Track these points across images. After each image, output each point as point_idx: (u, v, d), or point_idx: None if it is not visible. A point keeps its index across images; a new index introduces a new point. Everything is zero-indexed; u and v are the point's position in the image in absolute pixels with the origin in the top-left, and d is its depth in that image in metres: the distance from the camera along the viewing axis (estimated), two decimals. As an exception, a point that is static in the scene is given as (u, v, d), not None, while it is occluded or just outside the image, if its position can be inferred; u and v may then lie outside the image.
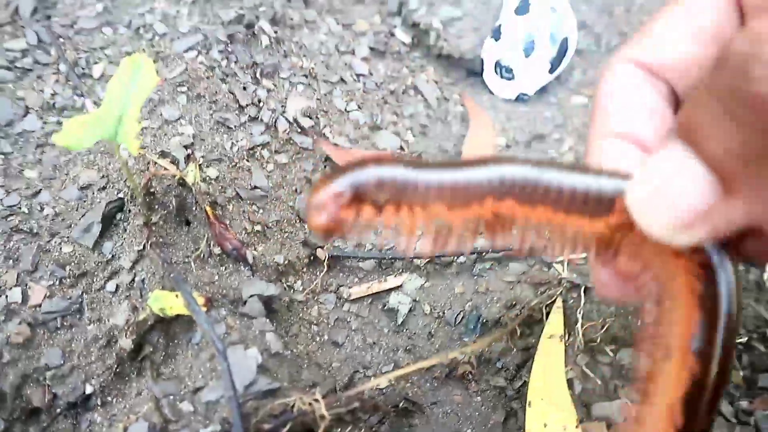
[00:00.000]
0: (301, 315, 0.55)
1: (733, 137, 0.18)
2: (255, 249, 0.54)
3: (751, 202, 0.19)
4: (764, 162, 0.18)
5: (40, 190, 0.57)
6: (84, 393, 0.47)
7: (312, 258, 0.58)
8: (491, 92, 0.87)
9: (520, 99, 0.86)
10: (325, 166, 0.63)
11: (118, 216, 0.54)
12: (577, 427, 0.53)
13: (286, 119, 0.65)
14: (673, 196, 0.20)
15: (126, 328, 0.48)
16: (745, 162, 0.18)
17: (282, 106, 0.66)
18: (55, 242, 0.52)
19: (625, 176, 0.24)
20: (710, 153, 0.19)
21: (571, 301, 0.55)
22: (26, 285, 0.50)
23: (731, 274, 0.24)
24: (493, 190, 0.25)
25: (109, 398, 0.48)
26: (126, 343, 0.47)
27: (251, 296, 0.51)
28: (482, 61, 0.87)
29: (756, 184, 0.18)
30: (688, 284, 0.24)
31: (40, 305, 0.49)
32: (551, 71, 0.85)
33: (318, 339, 0.54)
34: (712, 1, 0.26)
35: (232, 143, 0.61)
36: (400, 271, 0.60)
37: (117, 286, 0.50)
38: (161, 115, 0.61)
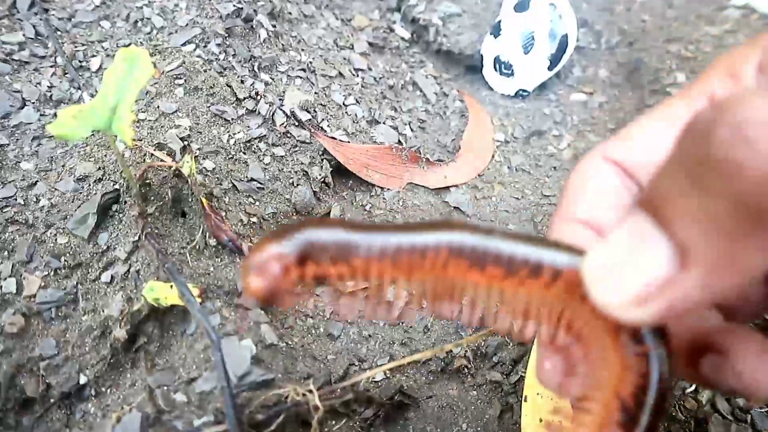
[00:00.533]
0: (296, 307, 0.55)
1: (696, 204, 0.17)
2: (251, 241, 0.54)
3: (709, 275, 0.18)
4: (724, 230, 0.17)
5: (36, 181, 0.57)
6: (78, 383, 0.47)
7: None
8: (490, 88, 0.87)
9: (519, 95, 0.86)
10: (322, 159, 0.63)
11: (114, 207, 0.53)
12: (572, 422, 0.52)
13: (284, 112, 0.65)
14: (630, 266, 0.20)
15: (120, 318, 0.48)
16: (707, 230, 0.17)
17: (280, 100, 0.66)
18: (51, 233, 0.52)
19: (582, 252, 0.24)
20: (672, 221, 0.18)
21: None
22: (21, 275, 0.50)
23: (664, 369, 0.23)
24: (441, 253, 0.24)
25: (103, 388, 0.48)
26: (120, 333, 0.47)
27: (246, 288, 0.50)
28: (481, 57, 0.86)
29: (716, 255, 0.18)
30: (620, 376, 0.24)
31: (34, 295, 0.49)
32: (550, 68, 0.85)
33: (313, 331, 0.54)
34: (692, 111, 0.26)
35: (229, 136, 0.60)
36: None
37: (112, 277, 0.50)
38: (158, 107, 0.61)
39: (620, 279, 0.20)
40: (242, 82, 0.66)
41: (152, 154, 0.55)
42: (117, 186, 0.54)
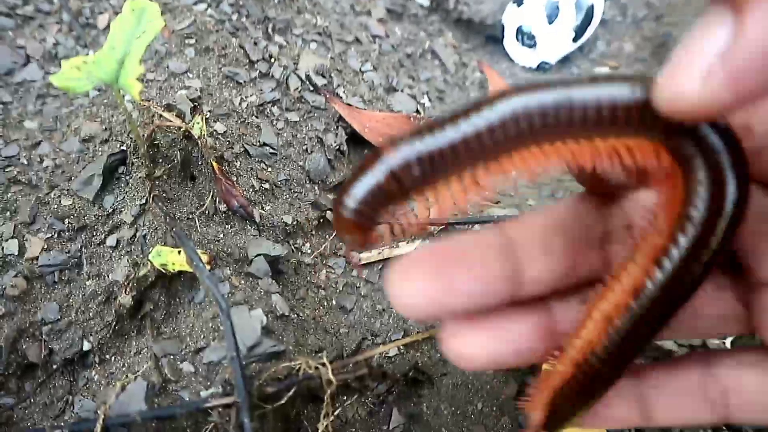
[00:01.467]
0: (308, 278, 0.53)
1: None
2: (262, 208, 0.52)
3: (764, 33, 0.18)
4: None
5: (40, 141, 0.54)
6: (81, 349, 0.45)
7: (321, 220, 0.56)
8: (511, 60, 0.84)
9: (541, 68, 0.83)
10: (337, 126, 0.61)
11: (120, 169, 0.51)
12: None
13: (298, 77, 0.62)
14: (698, 50, 0.19)
15: (126, 284, 0.46)
16: None
17: (294, 63, 0.63)
18: (55, 194, 0.50)
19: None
20: None
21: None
22: (23, 237, 0.48)
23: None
24: (524, 119, 0.22)
25: (108, 356, 0.46)
26: (126, 299, 0.45)
27: (257, 256, 0.48)
28: (503, 27, 0.83)
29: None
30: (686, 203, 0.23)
31: (37, 258, 0.47)
32: (575, 39, 0.81)
33: (325, 304, 0.52)
34: None
35: (242, 99, 0.58)
36: (413, 237, 0.57)
37: (117, 241, 0.48)
38: (167, 67, 0.58)
39: (688, 66, 0.19)
40: (255, 44, 0.63)
41: (161, 115, 0.52)
42: (124, 147, 0.52)
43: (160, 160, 0.51)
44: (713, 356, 0.29)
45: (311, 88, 0.62)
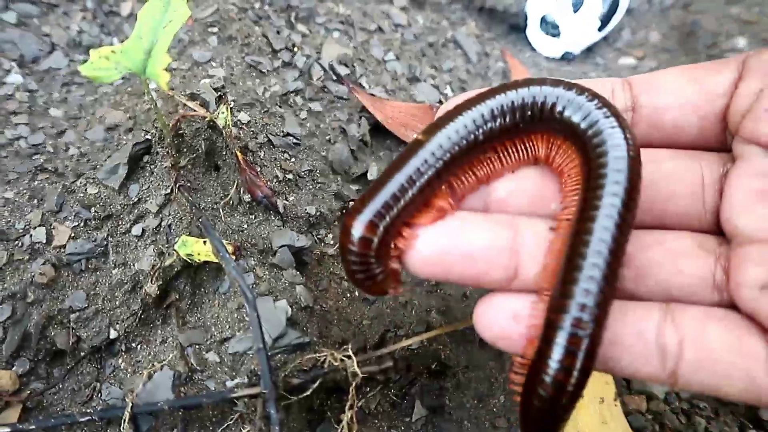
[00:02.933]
0: (331, 269, 0.53)
1: None
2: (286, 198, 0.52)
3: None
4: None
5: (66, 129, 0.55)
6: (108, 337, 0.46)
7: (344, 211, 0.56)
8: (534, 49, 0.83)
9: (565, 58, 0.81)
10: (360, 117, 0.60)
11: (145, 158, 0.51)
12: (615, 400, 0.50)
13: (321, 66, 0.61)
14: None
15: (151, 273, 0.46)
16: None
17: (317, 53, 0.63)
18: (81, 183, 0.50)
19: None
20: None
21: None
22: (51, 225, 0.48)
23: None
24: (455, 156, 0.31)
25: (134, 344, 0.46)
26: (151, 288, 0.46)
27: (281, 246, 0.48)
28: (526, 15, 0.82)
29: None
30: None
31: (64, 246, 0.47)
32: (600, 29, 0.80)
33: (348, 295, 0.52)
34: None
35: (265, 88, 0.57)
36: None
37: (143, 230, 0.48)
38: (191, 56, 0.58)
39: None
40: (278, 32, 0.63)
41: (185, 104, 0.52)
42: (148, 136, 0.52)
43: (185, 150, 0.51)
44: (677, 303, 0.29)
45: (334, 78, 0.61)
